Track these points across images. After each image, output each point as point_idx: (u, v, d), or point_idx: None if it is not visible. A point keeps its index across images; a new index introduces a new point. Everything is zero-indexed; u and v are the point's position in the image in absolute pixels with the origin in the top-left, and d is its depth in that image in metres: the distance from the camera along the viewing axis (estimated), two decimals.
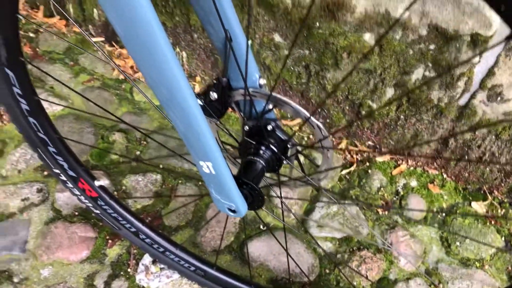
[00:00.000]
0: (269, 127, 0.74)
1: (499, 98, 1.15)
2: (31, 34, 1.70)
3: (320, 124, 0.66)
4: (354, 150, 1.45)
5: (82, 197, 1.01)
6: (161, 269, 1.14)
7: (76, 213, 1.22)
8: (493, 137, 1.25)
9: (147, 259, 1.15)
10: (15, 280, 1.08)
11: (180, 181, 1.32)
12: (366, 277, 1.18)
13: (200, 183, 1.31)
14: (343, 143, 1.48)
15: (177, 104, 0.56)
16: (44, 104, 0.91)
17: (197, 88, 1.59)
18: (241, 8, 1.29)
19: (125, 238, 1.16)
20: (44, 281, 1.09)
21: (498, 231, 1.32)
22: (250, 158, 0.74)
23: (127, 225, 1.03)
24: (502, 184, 1.35)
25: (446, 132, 1.30)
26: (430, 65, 1.17)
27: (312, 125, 0.67)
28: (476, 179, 1.38)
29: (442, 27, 1.08)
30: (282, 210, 1.29)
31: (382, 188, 1.39)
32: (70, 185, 0.99)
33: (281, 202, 1.21)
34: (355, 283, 1.17)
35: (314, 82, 1.37)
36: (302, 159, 1.25)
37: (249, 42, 0.74)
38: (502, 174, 1.33)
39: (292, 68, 1.38)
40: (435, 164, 1.43)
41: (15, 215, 1.20)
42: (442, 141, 1.34)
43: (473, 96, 1.18)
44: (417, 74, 1.20)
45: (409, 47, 1.16)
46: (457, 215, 1.35)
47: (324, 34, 1.23)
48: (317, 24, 1.22)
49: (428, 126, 1.31)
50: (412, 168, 1.45)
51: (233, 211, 0.70)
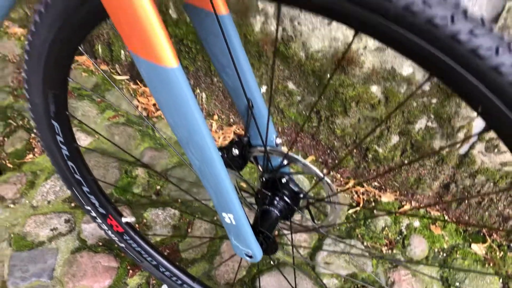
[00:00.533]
0: (284, 180, 0.84)
1: (496, 150, 1.24)
2: None
3: (331, 182, 0.75)
4: (361, 190, 1.54)
5: (109, 232, 1.11)
6: None
7: (100, 244, 1.31)
8: (491, 184, 1.33)
9: None
10: None
11: (196, 216, 1.41)
12: None
13: (215, 218, 1.40)
14: (350, 183, 1.57)
15: (205, 165, 0.66)
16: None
17: (214, 126, 1.70)
18: (259, 58, 1.40)
19: (145, 270, 1.25)
20: None
21: (496, 273, 1.39)
22: (266, 208, 0.83)
23: (149, 259, 1.13)
24: (501, 228, 1.43)
25: (448, 177, 1.39)
26: (432, 116, 1.26)
27: (324, 183, 0.77)
28: (476, 222, 1.46)
29: (443, 85, 1.17)
30: (293, 256, 1.37)
31: (386, 228, 1.47)
32: (99, 220, 1.09)
33: (292, 247, 1.30)
34: None
35: (324, 126, 1.47)
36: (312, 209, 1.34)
37: (269, 108, 0.85)
38: (501, 218, 1.41)
39: (304, 112, 1.48)
40: (437, 206, 1.51)
41: (44, 243, 1.30)
42: (443, 186, 1.42)
43: (472, 147, 1.27)
44: (420, 124, 1.30)
45: (413, 100, 1.26)
46: (457, 255, 1.42)
47: (334, 84, 1.33)
48: (328, 75, 1.33)
49: (430, 171, 1.40)
50: (415, 209, 1.53)
51: (250, 257, 0.79)
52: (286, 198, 0.84)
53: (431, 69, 0.48)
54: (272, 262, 1.34)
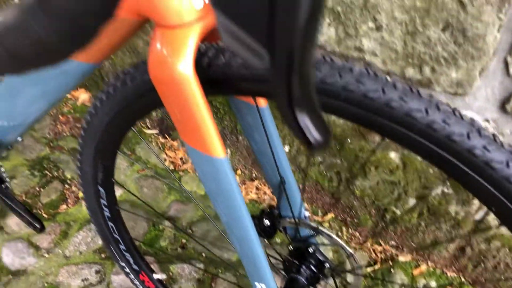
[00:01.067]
0: (310, 250, 0.91)
1: None
2: None
3: (357, 257, 0.82)
4: (378, 249, 1.59)
5: (140, 287, 1.18)
6: None
7: None
8: (507, 249, 1.38)
9: None
10: None
11: (220, 271, 1.47)
12: None
13: (238, 273, 1.46)
14: (369, 242, 1.62)
15: (244, 244, 0.73)
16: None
17: (237, 180, 1.78)
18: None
19: None
20: None
21: None
22: (294, 276, 0.90)
23: None
24: None
25: (463, 241, 1.43)
26: (448, 183, 1.33)
27: (349, 257, 0.84)
28: (492, 285, 1.49)
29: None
30: None
31: (403, 287, 1.51)
32: (132, 276, 1.16)
33: None
34: None
35: (344, 187, 1.54)
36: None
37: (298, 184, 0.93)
38: None
39: (324, 172, 1.56)
40: (453, 267, 1.54)
41: None
42: (459, 249, 1.46)
43: (487, 213, 1.33)
44: (437, 189, 1.36)
45: (429, 167, 1.33)
46: None
47: (354, 149, 1.41)
48: (349, 140, 1.41)
49: (446, 234, 1.45)
50: (432, 269, 1.57)
51: None
52: (312, 267, 0.90)
53: (453, 175, 0.56)
54: None
